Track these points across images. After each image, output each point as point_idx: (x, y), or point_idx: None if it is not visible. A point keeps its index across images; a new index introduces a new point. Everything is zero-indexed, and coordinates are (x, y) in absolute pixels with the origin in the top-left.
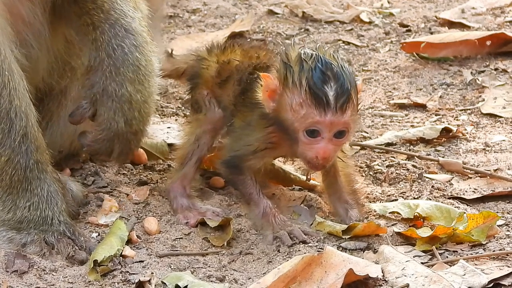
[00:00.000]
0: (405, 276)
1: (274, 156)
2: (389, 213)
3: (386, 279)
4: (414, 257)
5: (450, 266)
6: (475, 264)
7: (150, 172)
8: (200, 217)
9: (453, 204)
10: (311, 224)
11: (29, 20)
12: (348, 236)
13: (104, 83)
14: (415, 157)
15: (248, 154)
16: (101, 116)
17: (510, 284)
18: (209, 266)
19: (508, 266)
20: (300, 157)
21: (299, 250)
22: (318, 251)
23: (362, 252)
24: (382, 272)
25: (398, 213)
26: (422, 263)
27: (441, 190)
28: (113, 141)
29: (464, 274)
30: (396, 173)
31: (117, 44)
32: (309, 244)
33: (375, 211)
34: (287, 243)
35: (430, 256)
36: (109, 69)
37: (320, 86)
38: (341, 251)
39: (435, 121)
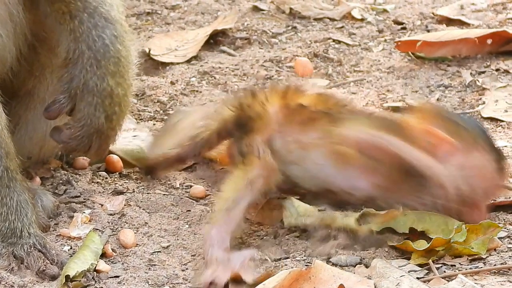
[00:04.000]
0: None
1: None
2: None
3: None
4: (409, 272)
5: (448, 281)
6: (475, 279)
7: (126, 181)
8: (230, 274)
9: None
10: None
11: None
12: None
13: (85, 77)
14: None
15: None
16: (81, 111)
17: None
18: (189, 282)
19: (510, 281)
20: None
21: (285, 265)
22: (306, 265)
23: (353, 267)
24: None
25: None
26: (418, 278)
27: None
28: (92, 137)
29: None
30: None
31: (97, 35)
32: (297, 258)
33: None
34: None
35: (426, 271)
36: (89, 62)
37: None
38: (331, 265)
39: None
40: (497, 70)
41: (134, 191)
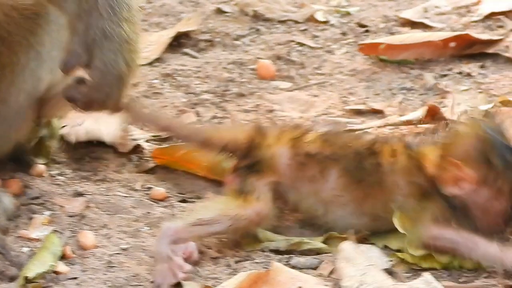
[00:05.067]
0: (363, 284)
1: None
2: None
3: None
4: (376, 260)
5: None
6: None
7: (87, 183)
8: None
9: None
10: None
11: None
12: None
13: (102, 24)
14: None
15: None
16: (100, 59)
17: None
18: (147, 282)
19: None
20: None
21: (244, 267)
22: (264, 268)
23: (313, 270)
24: (340, 274)
25: None
26: (384, 269)
27: None
28: (112, 85)
29: None
30: None
31: None
32: (256, 261)
33: None
34: None
35: (393, 263)
36: (104, 9)
37: None
38: (290, 268)
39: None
40: (459, 73)
41: (94, 193)
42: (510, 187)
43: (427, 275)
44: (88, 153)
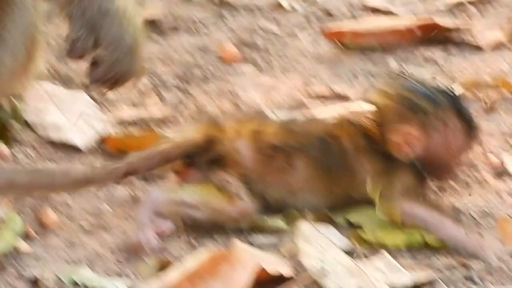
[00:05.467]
0: (323, 263)
1: None
2: None
3: (302, 266)
4: (335, 240)
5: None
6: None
7: (48, 162)
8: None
9: None
10: None
11: None
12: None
13: (97, 3)
14: None
15: None
16: (106, 35)
17: (428, 281)
18: (109, 261)
19: (429, 266)
20: None
21: (204, 245)
22: (225, 246)
23: (274, 248)
24: (298, 254)
25: None
26: (343, 250)
27: None
28: (127, 57)
29: (387, 272)
30: None
31: None
32: (216, 239)
33: None
34: None
35: (352, 243)
36: None
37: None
38: (251, 247)
39: None
40: (423, 58)
41: None
42: (452, 122)
43: (386, 254)
44: None
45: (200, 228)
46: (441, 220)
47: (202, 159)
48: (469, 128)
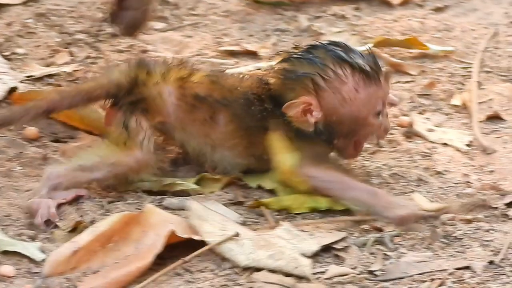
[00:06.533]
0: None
1: None
2: None
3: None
4: (228, 215)
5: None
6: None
7: None
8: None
9: None
10: None
11: None
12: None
13: None
14: None
15: None
16: None
17: (342, 247)
18: (19, 223)
19: (339, 230)
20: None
21: (117, 208)
22: (137, 209)
23: (185, 211)
24: (198, 232)
25: None
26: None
27: None
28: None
29: (291, 239)
30: None
31: None
32: (128, 201)
33: None
34: None
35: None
36: None
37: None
38: (162, 209)
39: None
40: (333, 15)
41: None
42: (345, 75)
43: (286, 224)
44: None
45: (113, 192)
46: (346, 181)
47: (125, 100)
48: (367, 76)
